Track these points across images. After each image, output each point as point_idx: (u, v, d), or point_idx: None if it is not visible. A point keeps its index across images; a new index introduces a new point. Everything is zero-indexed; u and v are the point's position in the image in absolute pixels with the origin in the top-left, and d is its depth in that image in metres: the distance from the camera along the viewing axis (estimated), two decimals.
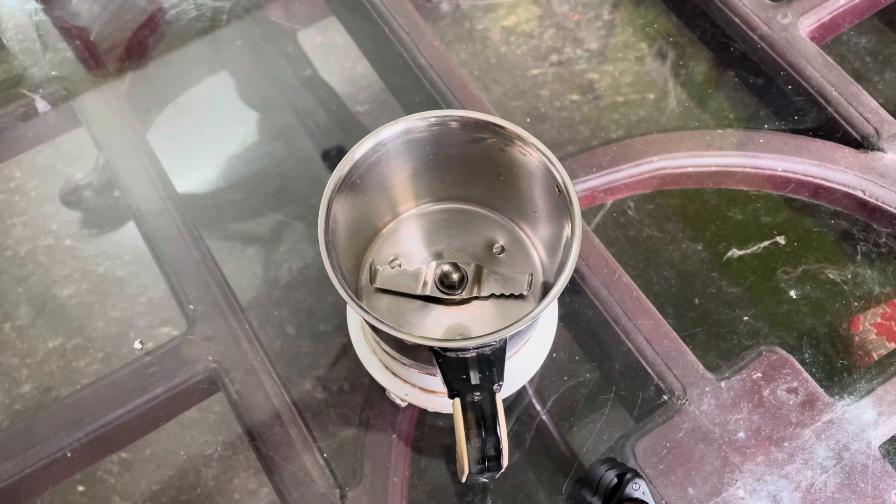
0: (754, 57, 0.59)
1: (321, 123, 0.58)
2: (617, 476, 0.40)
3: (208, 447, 0.47)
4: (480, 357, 0.35)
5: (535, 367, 0.44)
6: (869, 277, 0.51)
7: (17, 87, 0.58)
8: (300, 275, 0.51)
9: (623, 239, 0.52)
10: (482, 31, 0.62)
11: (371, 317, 0.35)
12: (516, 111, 0.58)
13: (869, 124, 0.54)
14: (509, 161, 0.41)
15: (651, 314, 0.47)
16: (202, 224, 0.52)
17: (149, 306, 0.51)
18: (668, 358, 0.46)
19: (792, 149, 0.54)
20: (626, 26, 0.63)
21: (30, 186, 0.56)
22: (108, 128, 0.56)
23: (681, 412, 0.44)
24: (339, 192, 0.38)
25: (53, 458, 0.44)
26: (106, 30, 0.61)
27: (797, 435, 0.44)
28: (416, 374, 0.42)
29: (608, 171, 0.53)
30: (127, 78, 0.59)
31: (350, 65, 0.61)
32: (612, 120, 0.58)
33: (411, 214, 0.46)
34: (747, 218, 0.53)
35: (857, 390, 0.45)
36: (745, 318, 0.49)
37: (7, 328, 0.51)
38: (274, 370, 0.46)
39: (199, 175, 0.56)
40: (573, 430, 0.46)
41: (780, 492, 0.42)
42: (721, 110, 0.58)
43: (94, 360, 0.50)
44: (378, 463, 0.44)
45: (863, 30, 0.62)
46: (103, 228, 0.54)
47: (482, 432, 0.34)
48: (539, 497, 0.44)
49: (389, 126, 0.39)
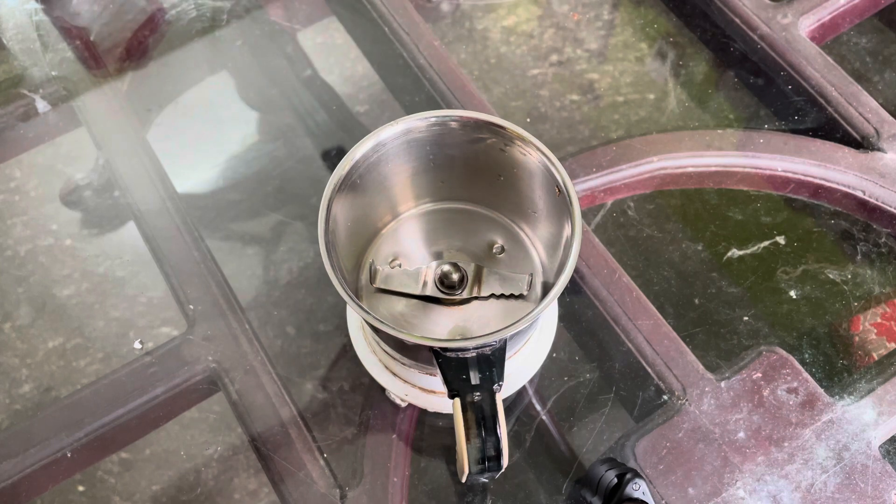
0: (754, 57, 0.58)
1: (321, 123, 0.58)
2: (617, 476, 0.40)
3: (208, 447, 0.47)
4: (480, 357, 0.35)
5: (535, 367, 0.44)
6: (869, 277, 0.51)
7: (17, 87, 0.58)
8: (300, 275, 0.51)
9: (623, 239, 0.52)
10: (482, 31, 0.62)
11: (371, 317, 0.35)
12: (516, 111, 0.58)
13: (869, 124, 0.54)
14: (509, 161, 0.41)
15: (651, 314, 0.47)
16: (202, 224, 0.52)
17: (149, 306, 0.51)
18: (668, 358, 0.46)
19: (792, 149, 0.54)
20: (626, 26, 0.63)
21: (30, 186, 0.56)
22: (108, 128, 0.56)
23: (681, 412, 0.44)
24: (339, 192, 0.38)
25: (53, 458, 0.44)
26: (106, 30, 0.61)
27: (797, 435, 0.44)
28: (416, 374, 0.42)
29: (608, 171, 0.53)
30: (127, 78, 0.59)
31: (350, 65, 0.61)
32: (612, 120, 0.58)
33: (411, 214, 0.46)
34: (747, 218, 0.53)
35: (857, 390, 0.45)
36: (745, 318, 0.49)
37: (7, 328, 0.51)
38: (274, 370, 0.46)
39: (199, 175, 0.56)
40: (573, 430, 0.46)
41: (780, 492, 0.42)
42: (721, 110, 0.58)
43: (94, 360, 0.50)
44: (378, 463, 0.44)
45: (863, 30, 0.62)
46: (103, 228, 0.54)
47: (482, 432, 0.34)
48: (539, 497, 0.44)
49: (389, 126, 0.39)
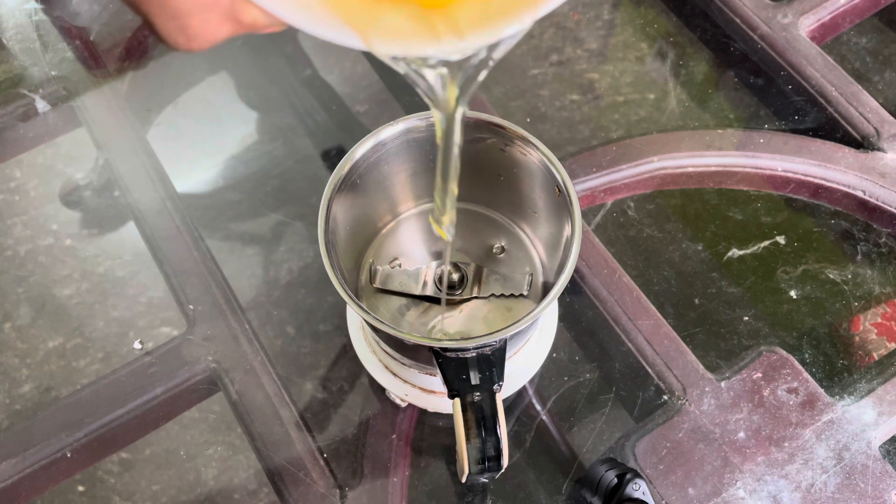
0: (754, 57, 0.58)
1: (321, 123, 0.58)
2: (617, 476, 0.40)
3: (208, 447, 0.47)
4: (480, 357, 0.35)
5: (535, 367, 0.44)
6: (869, 277, 0.51)
7: (17, 87, 0.58)
8: (300, 275, 0.51)
9: (623, 239, 0.52)
10: None
11: (371, 317, 0.35)
12: (516, 111, 0.58)
13: (869, 124, 0.54)
14: (509, 161, 0.41)
15: (651, 314, 0.47)
16: (202, 224, 0.52)
17: (149, 306, 0.51)
18: (668, 358, 0.46)
19: (792, 149, 0.54)
20: (626, 26, 0.63)
21: (30, 186, 0.56)
22: (108, 128, 0.56)
23: (681, 412, 0.44)
24: (339, 192, 0.38)
25: (53, 458, 0.44)
26: (106, 30, 0.61)
27: (797, 435, 0.44)
28: (416, 374, 0.42)
29: (608, 171, 0.53)
30: (127, 78, 0.59)
31: (350, 65, 0.61)
32: (612, 120, 0.58)
33: (411, 214, 0.46)
34: (747, 218, 0.53)
35: (857, 390, 0.45)
36: (745, 318, 0.49)
37: (7, 328, 0.51)
38: (274, 370, 0.46)
39: (199, 175, 0.56)
40: (573, 430, 0.46)
41: (780, 492, 0.42)
42: (721, 110, 0.58)
43: (94, 360, 0.50)
44: (378, 463, 0.44)
45: (863, 30, 0.62)
46: (103, 228, 0.54)
47: (482, 432, 0.34)
48: (539, 497, 0.44)
49: (389, 126, 0.39)
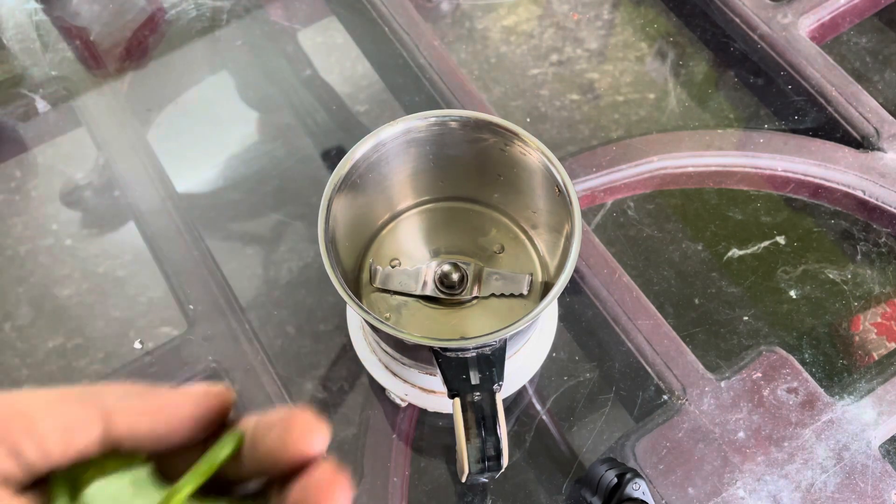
0: (754, 57, 0.58)
1: (321, 123, 0.58)
2: (617, 476, 0.40)
3: None
4: (480, 357, 0.35)
5: (535, 367, 0.44)
6: (869, 277, 0.51)
7: (17, 87, 0.58)
8: (300, 275, 0.51)
9: (623, 239, 0.52)
10: (482, 30, 0.62)
11: (371, 317, 0.35)
12: (516, 111, 0.58)
13: (869, 124, 0.54)
14: (509, 161, 0.41)
15: (651, 314, 0.47)
16: (202, 224, 0.52)
17: (149, 306, 0.51)
18: (668, 358, 0.46)
19: (792, 149, 0.54)
20: (626, 26, 0.63)
21: (30, 186, 0.56)
22: (108, 128, 0.56)
23: (681, 412, 0.44)
24: (339, 191, 0.38)
25: None
26: (106, 30, 0.61)
27: (797, 435, 0.44)
28: (416, 374, 0.42)
29: (608, 171, 0.53)
30: (127, 78, 0.59)
31: (350, 65, 0.61)
32: (612, 120, 0.58)
33: (411, 214, 0.46)
34: (747, 218, 0.53)
35: (857, 390, 0.45)
36: (745, 318, 0.49)
37: (7, 328, 0.51)
38: (274, 370, 0.46)
39: (199, 175, 0.56)
40: (573, 430, 0.46)
41: (780, 492, 0.42)
42: (721, 110, 0.58)
43: (94, 360, 0.49)
44: (378, 463, 0.44)
45: (863, 30, 0.62)
46: (103, 228, 0.54)
47: (482, 432, 0.34)
48: (539, 497, 0.44)
49: (389, 126, 0.39)
